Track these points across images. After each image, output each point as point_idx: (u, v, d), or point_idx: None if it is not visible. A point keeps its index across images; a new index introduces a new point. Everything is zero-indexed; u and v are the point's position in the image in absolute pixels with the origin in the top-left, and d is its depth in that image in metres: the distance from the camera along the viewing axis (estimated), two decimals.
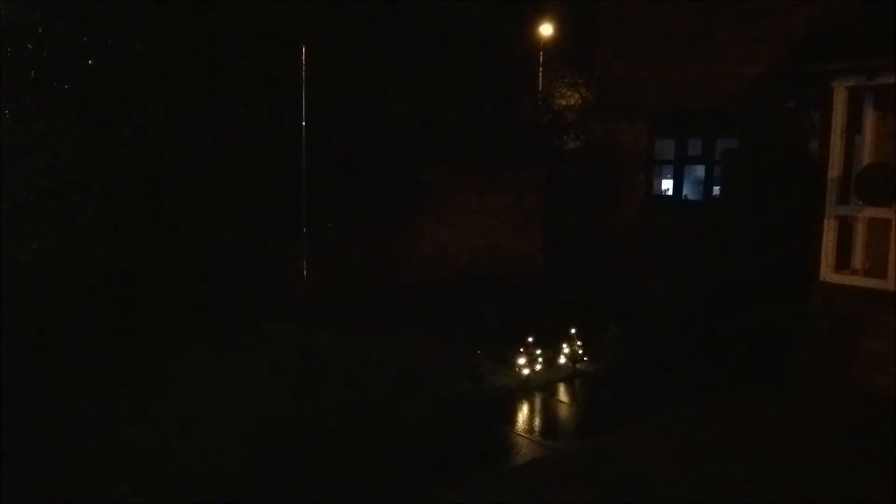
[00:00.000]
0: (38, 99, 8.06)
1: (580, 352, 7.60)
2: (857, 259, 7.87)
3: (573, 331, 7.71)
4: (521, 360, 7.05)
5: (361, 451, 5.41)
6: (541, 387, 6.91)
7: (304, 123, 8.90)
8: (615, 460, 5.32)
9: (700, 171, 11.90)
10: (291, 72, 8.99)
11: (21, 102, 7.90)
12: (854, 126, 8.01)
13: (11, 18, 7.99)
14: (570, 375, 7.31)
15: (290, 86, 9.00)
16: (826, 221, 7.85)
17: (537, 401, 6.67)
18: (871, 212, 7.59)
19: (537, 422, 6.27)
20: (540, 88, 14.07)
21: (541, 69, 14.07)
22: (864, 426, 6.11)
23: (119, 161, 8.10)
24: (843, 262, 7.90)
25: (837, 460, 5.39)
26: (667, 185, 12.79)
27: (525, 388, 6.83)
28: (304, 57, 8.85)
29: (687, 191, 11.96)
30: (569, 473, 5.13)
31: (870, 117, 8.08)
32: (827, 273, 7.80)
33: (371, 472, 5.10)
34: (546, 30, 13.89)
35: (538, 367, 7.17)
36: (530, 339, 7.28)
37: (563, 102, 14.21)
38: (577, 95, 14.10)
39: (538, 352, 7.24)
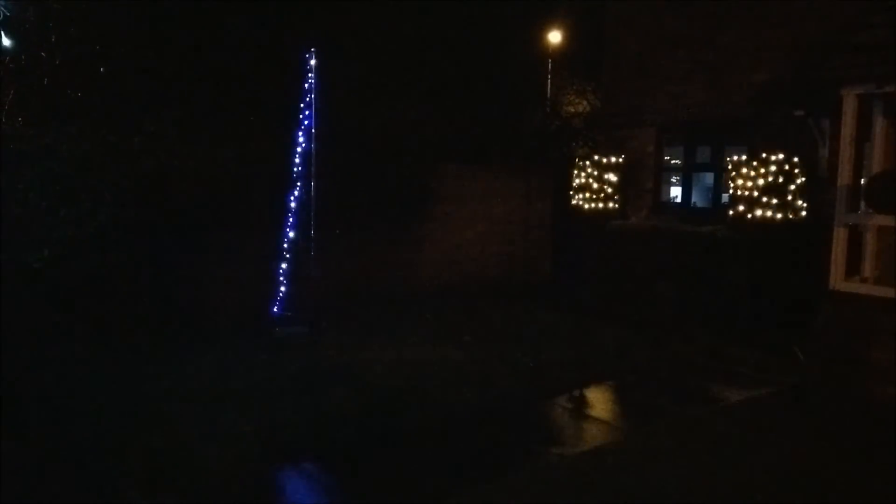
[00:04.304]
0: (51, 105, 8.13)
1: None
2: (867, 267, 7.84)
3: None
4: None
5: None
6: None
7: (313, 130, 8.93)
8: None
9: (708, 178, 11.89)
10: (301, 78, 9.03)
11: (34, 109, 7.97)
12: (864, 134, 7.99)
13: (25, 26, 8.08)
14: None
15: (300, 92, 9.05)
16: (836, 229, 7.83)
17: None
18: (880, 219, 7.56)
19: None
20: (548, 95, 14.10)
21: (549, 76, 14.10)
22: (871, 437, 6.07)
23: (130, 168, 8.14)
24: (852, 270, 7.87)
25: (842, 470, 5.36)
26: (675, 192, 12.78)
27: None
28: (313, 63, 8.90)
29: (695, 198, 11.95)
30: None
31: (879, 125, 8.06)
32: (836, 281, 7.77)
33: None
34: (554, 37, 13.92)
35: None
36: None
37: (572, 109, 14.23)
38: (585, 102, 14.12)
39: None
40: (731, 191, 9.95)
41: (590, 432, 6.24)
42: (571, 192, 12.19)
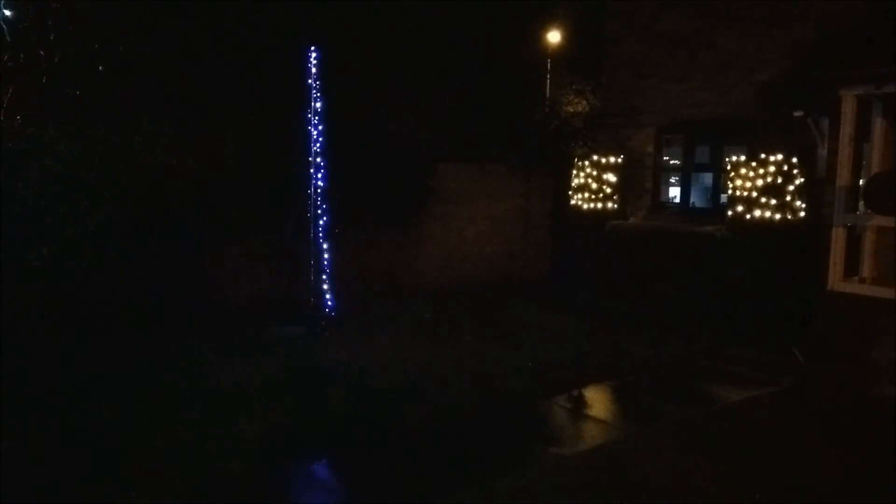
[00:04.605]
0: (50, 104, 8.12)
1: None
2: (866, 267, 7.85)
3: None
4: None
5: None
6: None
7: (313, 128, 8.93)
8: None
9: (707, 178, 11.90)
10: (301, 77, 9.03)
11: (33, 107, 7.96)
12: (863, 134, 8.00)
13: (24, 24, 8.06)
14: None
15: (300, 91, 9.05)
16: (834, 230, 7.85)
17: None
18: (879, 220, 7.58)
19: None
20: (547, 95, 14.08)
21: (548, 76, 14.08)
22: (870, 436, 6.08)
23: (129, 166, 8.14)
24: (851, 271, 7.88)
25: (842, 469, 5.37)
26: (674, 192, 12.79)
27: None
28: (313, 63, 8.89)
29: (694, 198, 11.96)
30: None
31: (878, 125, 8.08)
32: (835, 281, 7.79)
33: None
34: (554, 37, 13.91)
35: None
36: None
37: (571, 109, 14.21)
38: (584, 102, 14.10)
39: None
40: (730, 191, 9.97)
41: (589, 432, 6.24)
42: (570, 192, 12.20)
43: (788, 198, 9.40)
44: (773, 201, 9.41)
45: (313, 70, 8.88)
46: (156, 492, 4.71)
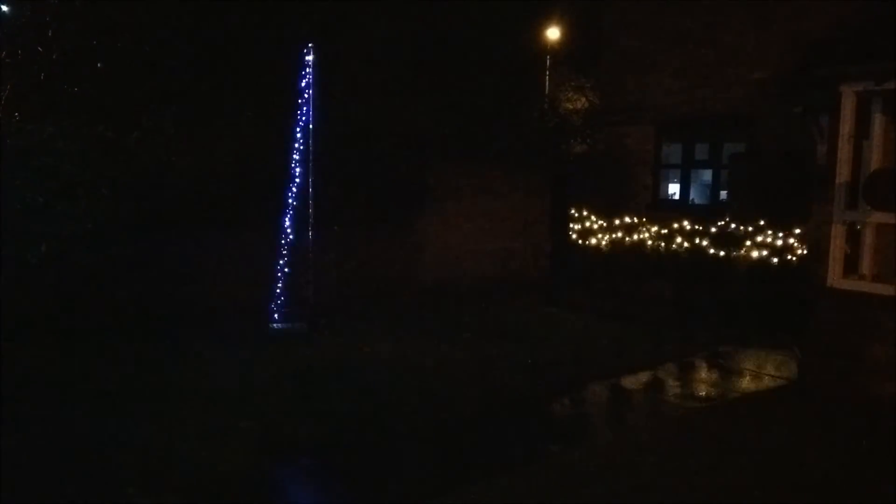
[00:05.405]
0: (48, 101, 8.09)
1: None
2: (865, 265, 7.83)
3: None
4: None
5: None
6: None
7: (310, 126, 8.91)
8: None
9: (707, 175, 11.91)
10: (298, 74, 9.01)
11: (31, 104, 7.93)
12: (862, 131, 7.98)
13: (21, 20, 8.03)
14: None
15: (298, 88, 9.02)
16: (833, 227, 7.83)
17: None
18: (879, 217, 7.56)
19: None
20: (546, 92, 14.06)
21: (547, 73, 14.06)
22: (869, 433, 6.08)
23: (128, 163, 8.12)
24: (850, 268, 7.87)
25: (840, 468, 5.37)
26: (673, 189, 12.79)
27: None
28: (311, 59, 8.87)
29: (694, 195, 11.96)
30: None
31: (878, 122, 8.05)
32: (834, 279, 7.78)
33: None
34: (552, 33, 13.88)
35: None
36: None
37: (570, 106, 14.18)
38: (583, 99, 14.07)
39: None
40: (729, 188, 9.97)
41: (589, 430, 6.25)
42: (569, 190, 12.18)
43: (788, 195, 9.39)
44: (773, 198, 9.40)
45: (311, 67, 8.86)
46: (156, 491, 4.70)
